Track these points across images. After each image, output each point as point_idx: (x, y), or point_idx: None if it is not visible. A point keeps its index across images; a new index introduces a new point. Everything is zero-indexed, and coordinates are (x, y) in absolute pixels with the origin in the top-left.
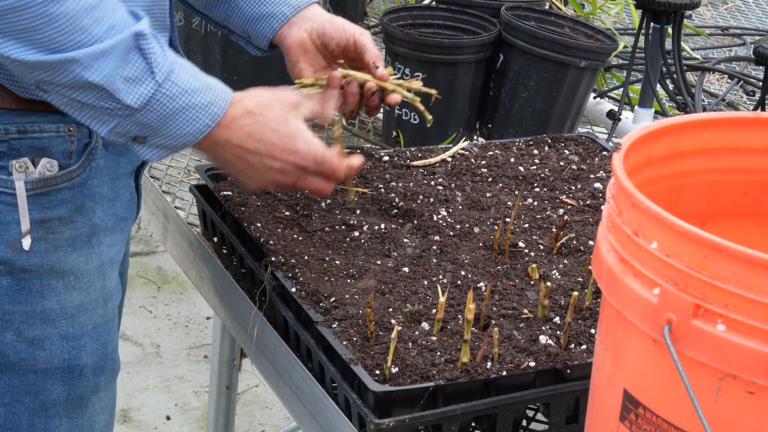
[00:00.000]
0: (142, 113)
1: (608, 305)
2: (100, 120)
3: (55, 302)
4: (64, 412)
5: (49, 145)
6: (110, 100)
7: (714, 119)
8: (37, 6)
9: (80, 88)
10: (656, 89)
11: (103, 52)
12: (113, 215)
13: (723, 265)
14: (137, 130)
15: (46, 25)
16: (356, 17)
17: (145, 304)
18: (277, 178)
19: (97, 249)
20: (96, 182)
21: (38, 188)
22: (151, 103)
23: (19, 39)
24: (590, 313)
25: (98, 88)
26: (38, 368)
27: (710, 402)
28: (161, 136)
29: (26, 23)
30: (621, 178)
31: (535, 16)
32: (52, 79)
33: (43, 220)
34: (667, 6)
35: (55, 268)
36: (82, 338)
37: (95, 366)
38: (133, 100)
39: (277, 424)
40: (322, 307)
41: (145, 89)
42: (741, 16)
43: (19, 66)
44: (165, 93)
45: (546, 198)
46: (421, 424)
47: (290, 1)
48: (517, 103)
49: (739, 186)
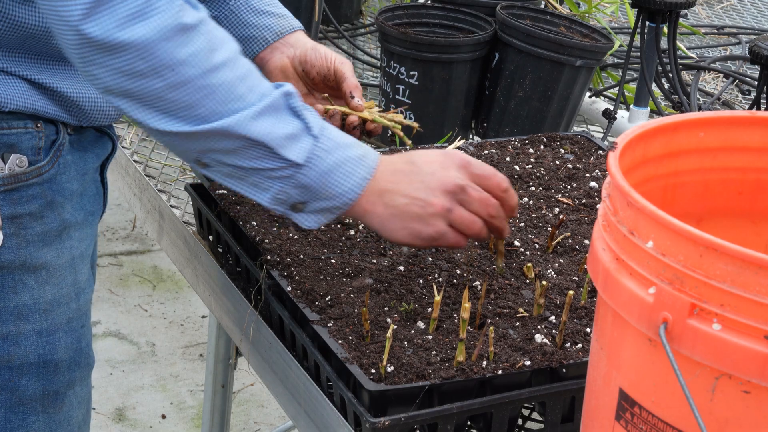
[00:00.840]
0: (303, 171)
1: (604, 304)
2: (262, 187)
3: (28, 297)
4: (40, 407)
5: (17, 141)
6: (272, 159)
7: (709, 118)
8: (197, 79)
9: (243, 150)
10: (652, 88)
11: (261, 112)
12: (82, 210)
13: (718, 264)
14: (297, 195)
15: (207, 98)
16: (352, 16)
17: (140, 302)
18: (443, 203)
19: (67, 243)
20: (65, 178)
21: (8, 184)
22: (312, 159)
23: (180, 116)
24: (586, 312)
25: (260, 147)
26: (13, 364)
27: (706, 401)
28: (320, 198)
29: (188, 99)
30: (617, 177)
31: (530, 15)
32: (214, 147)
33: (14, 216)
34: (663, 5)
35: (27, 263)
36: (56, 333)
37: (70, 360)
38: (295, 155)
39: (272, 423)
40: (318, 305)
41: (304, 144)
42: (736, 15)
43: (183, 139)
44: (322, 147)
45: (541, 197)
46: (417, 423)
47: (273, 27)
48: (513, 102)
49: (734, 185)
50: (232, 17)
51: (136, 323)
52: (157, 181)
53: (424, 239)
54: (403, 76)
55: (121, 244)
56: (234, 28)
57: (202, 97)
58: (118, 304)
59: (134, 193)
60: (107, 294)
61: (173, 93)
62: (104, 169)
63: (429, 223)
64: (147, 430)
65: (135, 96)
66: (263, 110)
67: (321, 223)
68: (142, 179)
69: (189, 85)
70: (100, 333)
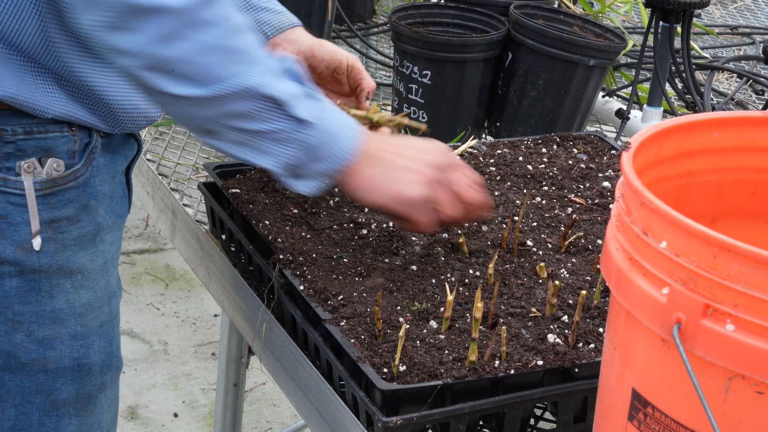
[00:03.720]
0: (311, 130)
1: (617, 304)
2: (269, 151)
3: (64, 301)
4: (73, 410)
5: (54, 145)
6: (284, 119)
7: (723, 118)
8: (221, 40)
9: (256, 113)
10: (665, 88)
11: (273, 72)
12: (112, 212)
13: (732, 264)
14: (303, 157)
15: (228, 59)
16: (365, 15)
17: (152, 301)
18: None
19: (101, 247)
20: (97, 181)
21: (46, 188)
22: (319, 119)
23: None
24: (598, 312)
25: (274, 106)
26: (48, 368)
27: (719, 402)
28: (321, 158)
29: (212, 60)
30: (630, 177)
31: (543, 15)
32: (228, 110)
33: (52, 220)
34: (677, 5)
35: (63, 267)
36: (90, 336)
37: (102, 364)
38: (305, 114)
39: (284, 422)
40: (330, 305)
41: (310, 105)
42: (750, 14)
43: (200, 104)
44: (325, 109)
45: (554, 196)
46: (429, 423)
47: (272, 22)
48: (526, 102)
49: (748, 185)
50: None
51: (148, 322)
52: (170, 179)
53: (404, 202)
54: (416, 76)
55: (133, 243)
56: None
57: (225, 58)
58: (130, 302)
59: (147, 191)
60: None
61: (201, 56)
62: (129, 170)
63: (412, 188)
64: (159, 429)
65: (164, 62)
66: (274, 71)
67: (319, 189)
68: (155, 178)
69: (214, 46)
70: None
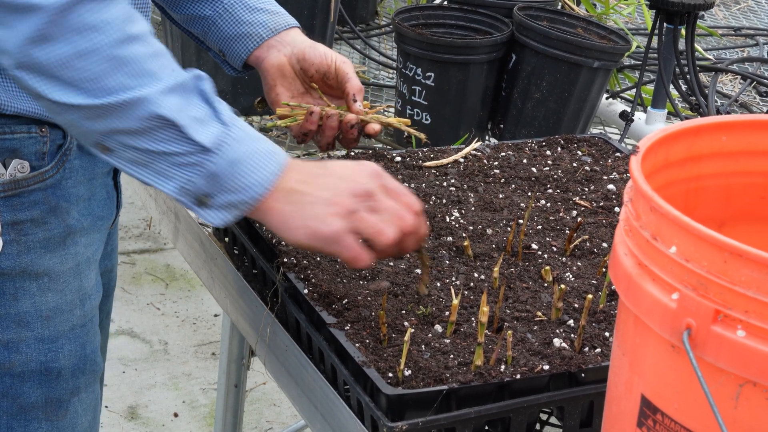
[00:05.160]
0: (211, 158)
1: (626, 310)
2: (167, 174)
3: (29, 304)
4: (43, 414)
5: (20, 146)
6: (181, 141)
7: (732, 122)
8: (106, 48)
9: (149, 132)
10: (669, 90)
11: (172, 90)
12: (89, 215)
13: (743, 270)
14: (204, 185)
15: (116, 69)
16: (367, 16)
17: (153, 301)
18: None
19: (72, 249)
20: (71, 183)
21: (8, 190)
22: (221, 146)
23: (85, 88)
24: (604, 316)
25: (169, 127)
26: (14, 371)
27: (730, 408)
28: (227, 190)
29: (96, 68)
30: (639, 182)
31: (547, 16)
32: (118, 126)
33: (14, 222)
34: (681, 6)
35: (28, 270)
36: (58, 340)
37: (74, 368)
38: (204, 139)
39: (284, 422)
40: (335, 309)
41: (213, 129)
42: (753, 16)
43: (87, 115)
44: (232, 136)
45: (559, 199)
46: (434, 428)
47: (267, 23)
48: (530, 104)
49: (757, 189)
50: (227, 15)
51: (148, 322)
52: None
53: (320, 239)
54: (419, 78)
55: (134, 243)
56: (228, 26)
57: (112, 68)
58: (130, 302)
59: (149, 194)
60: (120, 292)
61: (81, 61)
62: (117, 172)
63: (327, 223)
64: (159, 429)
65: (39, 64)
66: (173, 88)
67: (226, 221)
68: None
69: (98, 53)
70: (112, 331)
